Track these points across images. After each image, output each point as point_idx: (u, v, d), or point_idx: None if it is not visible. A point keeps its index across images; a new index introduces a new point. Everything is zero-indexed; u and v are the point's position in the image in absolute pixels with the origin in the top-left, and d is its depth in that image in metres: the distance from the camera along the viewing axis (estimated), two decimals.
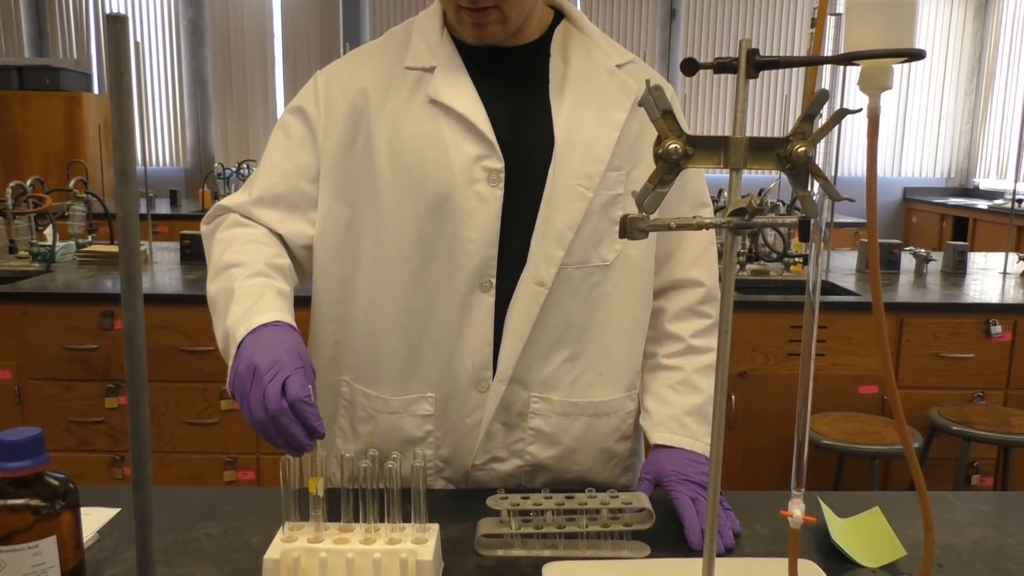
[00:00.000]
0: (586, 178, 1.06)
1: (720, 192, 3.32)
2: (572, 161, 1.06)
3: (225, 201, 1.15)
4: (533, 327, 1.07)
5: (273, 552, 0.85)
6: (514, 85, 1.10)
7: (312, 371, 0.93)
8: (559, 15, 1.14)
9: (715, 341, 1.18)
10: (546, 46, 1.11)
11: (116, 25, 0.38)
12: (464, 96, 1.06)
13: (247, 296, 1.00)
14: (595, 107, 1.08)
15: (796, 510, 0.73)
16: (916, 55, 0.56)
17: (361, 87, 1.09)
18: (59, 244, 3.09)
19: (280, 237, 1.12)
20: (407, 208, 1.07)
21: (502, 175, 1.05)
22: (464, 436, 1.11)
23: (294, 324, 0.99)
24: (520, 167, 1.06)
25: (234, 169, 5.54)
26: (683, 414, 1.13)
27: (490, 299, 1.07)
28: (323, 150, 1.11)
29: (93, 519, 1.01)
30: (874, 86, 0.59)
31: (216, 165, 5.80)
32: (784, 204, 3.56)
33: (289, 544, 0.86)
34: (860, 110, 0.62)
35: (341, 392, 1.17)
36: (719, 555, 0.96)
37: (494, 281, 1.07)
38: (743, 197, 0.64)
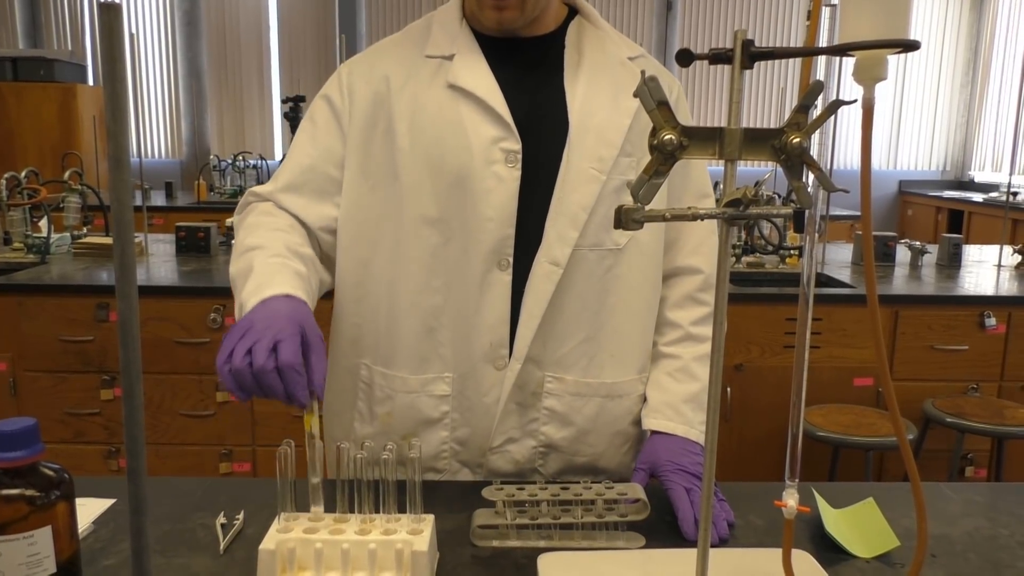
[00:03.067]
0: (599, 161, 1.10)
1: (716, 184, 3.32)
2: (586, 144, 1.10)
3: (255, 189, 1.19)
4: (549, 307, 1.10)
5: (268, 543, 0.85)
6: (530, 71, 1.14)
7: (319, 341, 0.93)
8: (572, 12, 1.19)
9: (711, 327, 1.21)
10: (561, 38, 1.16)
11: (109, 13, 0.37)
12: (482, 81, 1.10)
13: (263, 272, 1.02)
14: (608, 95, 1.12)
15: (790, 501, 0.74)
16: (911, 46, 0.57)
17: (383, 74, 1.14)
18: (54, 236, 3.08)
19: (306, 226, 1.15)
20: (427, 188, 1.10)
21: (519, 156, 1.09)
22: (481, 415, 1.13)
23: (307, 300, 1.01)
24: (536, 149, 1.10)
25: (229, 161, 5.52)
26: (680, 402, 1.15)
27: (507, 277, 1.10)
28: (347, 135, 1.15)
29: (88, 510, 1.02)
30: (869, 77, 0.59)
31: (212, 157, 5.79)
32: (780, 196, 3.56)
33: (285, 535, 0.86)
34: (855, 101, 0.62)
35: (360, 375, 1.18)
36: (713, 545, 0.96)
37: (511, 260, 1.10)
38: (737, 189, 0.64)
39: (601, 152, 1.10)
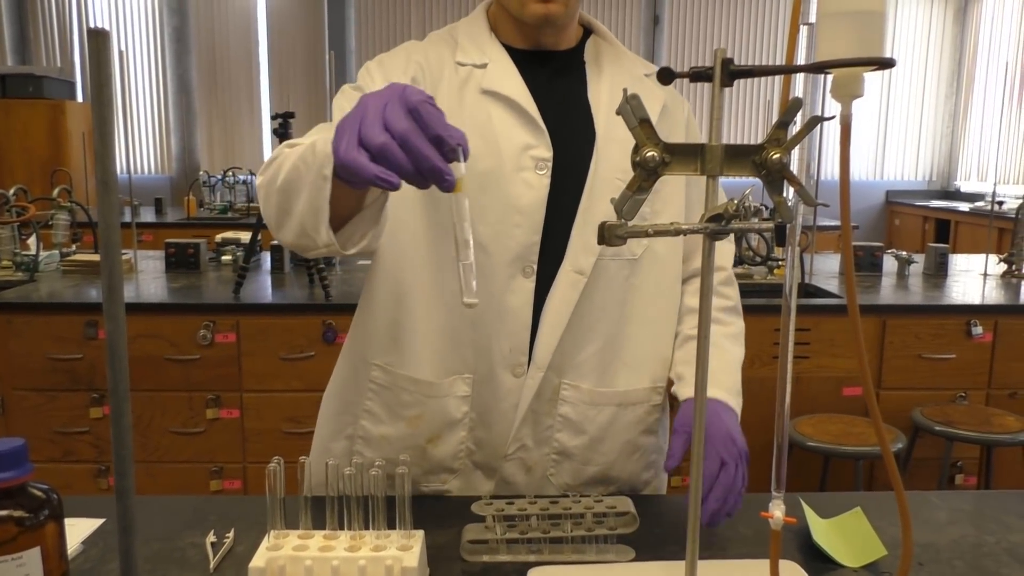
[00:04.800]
0: (623, 172, 1.11)
1: (732, 199, 3.34)
2: (612, 154, 1.12)
3: (283, 145, 1.04)
4: (571, 315, 1.11)
5: (258, 560, 0.85)
6: (556, 82, 1.16)
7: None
8: (587, 32, 1.22)
9: (736, 318, 1.25)
10: (580, 54, 1.19)
11: (98, 40, 0.38)
12: (516, 88, 1.12)
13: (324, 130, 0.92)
14: None
15: (776, 511, 0.74)
16: (886, 64, 0.58)
17: (418, 62, 1.13)
18: (43, 253, 3.08)
19: None
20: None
21: (550, 164, 1.10)
22: (498, 419, 1.14)
23: None
24: (565, 157, 1.11)
25: (219, 177, 5.52)
26: (715, 371, 1.14)
27: (530, 285, 1.11)
28: None
29: (78, 530, 1.01)
30: (846, 94, 0.60)
31: (201, 173, 5.78)
32: (767, 208, 3.58)
33: (274, 552, 0.86)
34: (833, 117, 0.63)
35: (372, 376, 1.17)
36: (711, 522, 0.98)
37: (535, 267, 1.11)
38: (723, 203, 0.65)
39: (626, 164, 1.11)
